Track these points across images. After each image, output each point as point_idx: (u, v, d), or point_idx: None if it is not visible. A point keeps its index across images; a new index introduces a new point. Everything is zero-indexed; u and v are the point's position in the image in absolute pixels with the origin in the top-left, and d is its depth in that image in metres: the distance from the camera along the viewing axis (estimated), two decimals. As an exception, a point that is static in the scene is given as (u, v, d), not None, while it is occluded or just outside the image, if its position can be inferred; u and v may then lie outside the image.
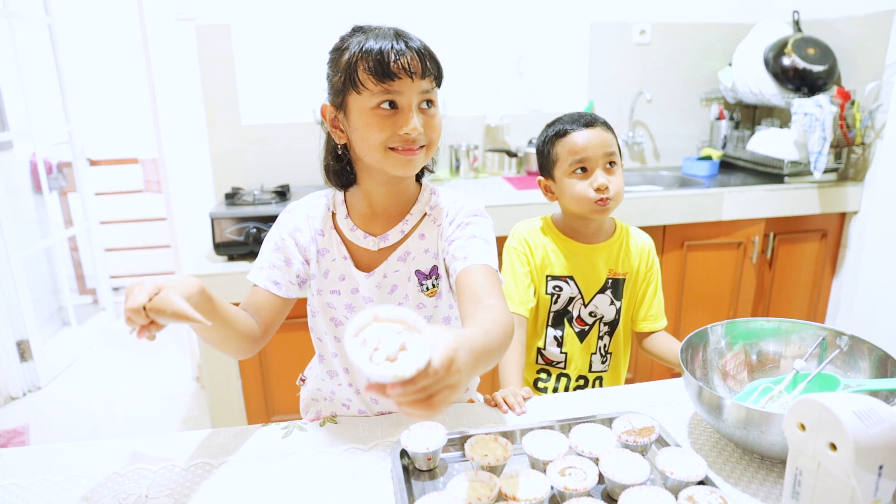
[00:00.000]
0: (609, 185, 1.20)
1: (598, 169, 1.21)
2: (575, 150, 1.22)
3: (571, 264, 1.29)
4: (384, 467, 0.90)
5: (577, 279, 1.29)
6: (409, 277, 1.03)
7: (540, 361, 1.34)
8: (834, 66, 2.36)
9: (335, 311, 1.06)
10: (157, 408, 2.63)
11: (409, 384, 0.58)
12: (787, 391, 0.97)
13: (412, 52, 0.90)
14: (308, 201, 1.07)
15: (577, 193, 1.22)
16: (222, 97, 2.38)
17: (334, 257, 1.03)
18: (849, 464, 0.64)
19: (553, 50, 2.60)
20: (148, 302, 0.75)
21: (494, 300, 0.88)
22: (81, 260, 3.56)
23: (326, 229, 1.04)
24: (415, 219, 1.03)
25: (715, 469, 0.88)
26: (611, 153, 1.22)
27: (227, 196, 2.21)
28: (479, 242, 0.98)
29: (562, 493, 0.79)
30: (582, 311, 1.30)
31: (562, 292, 1.29)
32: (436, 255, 1.03)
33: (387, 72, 0.88)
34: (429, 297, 1.04)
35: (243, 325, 0.96)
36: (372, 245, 1.01)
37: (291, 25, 2.34)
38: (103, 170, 3.50)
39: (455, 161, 2.56)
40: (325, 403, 1.16)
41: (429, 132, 0.94)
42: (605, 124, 1.25)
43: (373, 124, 0.90)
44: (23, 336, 2.73)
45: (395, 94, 0.90)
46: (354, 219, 1.03)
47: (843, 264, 2.46)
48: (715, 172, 2.56)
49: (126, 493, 0.85)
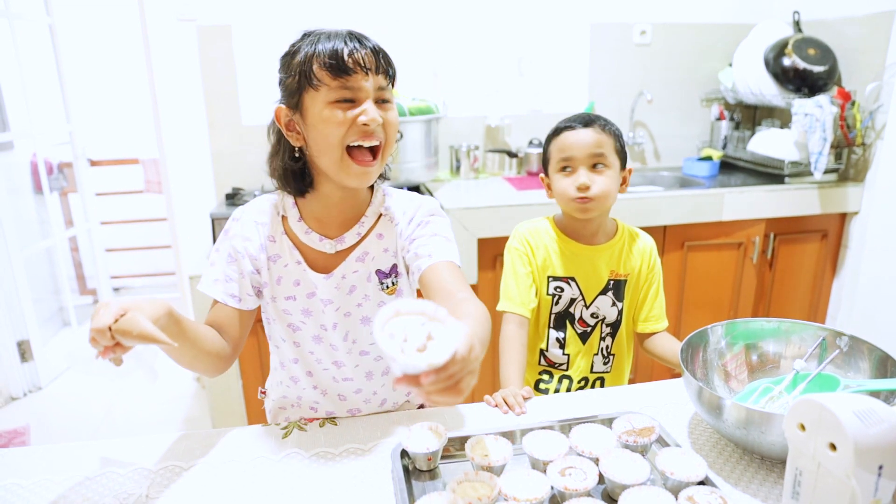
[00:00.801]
0: (592, 184, 1.20)
1: (581, 168, 1.22)
2: (562, 149, 1.23)
3: (573, 265, 1.28)
4: (384, 468, 0.90)
5: (578, 280, 1.28)
6: (369, 277, 1.03)
7: (542, 363, 1.34)
8: (834, 66, 2.36)
9: (291, 318, 1.05)
10: (157, 409, 2.63)
11: (441, 371, 0.61)
12: (788, 391, 0.97)
13: (367, 49, 0.90)
14: (255, 207, 1.04)
15: (560, 191, 1.24)
16: (223, 97, 2.38)
17: (286, 262, 1.02)
18: (849, 464, 0.64)
19: (554, 50, 2.60)
20: (114, 323, 0.74)
21: (465, 294, 0.90)
22: (82, 260, 3.56)
23: (277, 234, 1.02)
24: (370, 220, 1.03)
25: (715, 469, 0.88)
26: (598, 154, 1.21)
27: (227, 196, 2.21)
28: (440, 240, 0.99)
29: (562, 494, 0.79)
30: (584, 313, 1.30)
31: (563, 293, 1.29)
32: (395, 253, 1.04)
33: (343, 67, 0.88)
34: (388, 296, 1.05)
35: (212, 345, 0.96)
36: (329, 248, 1.01)
37: (292, 26, 2.34)
38: (104, 170, 3.51)
39: (455, 161, 2.56)
40: (293, 410, 1.15)
41: (385, 128, 0.94)
42: (605, 126, 1.24)
43: (330, 119, 0.90)
44: (23, 336, 2.73)
45: (353, 89, 0.90)
46: (308, 222, 1.02)
47: (843, 265, 2.46)
48: (715, 173, 2.56)
49: (127, 493, 0.85)
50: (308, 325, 1.05)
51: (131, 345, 0.77)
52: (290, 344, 1.08)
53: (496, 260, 2.13)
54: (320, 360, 1.08)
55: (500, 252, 2.13)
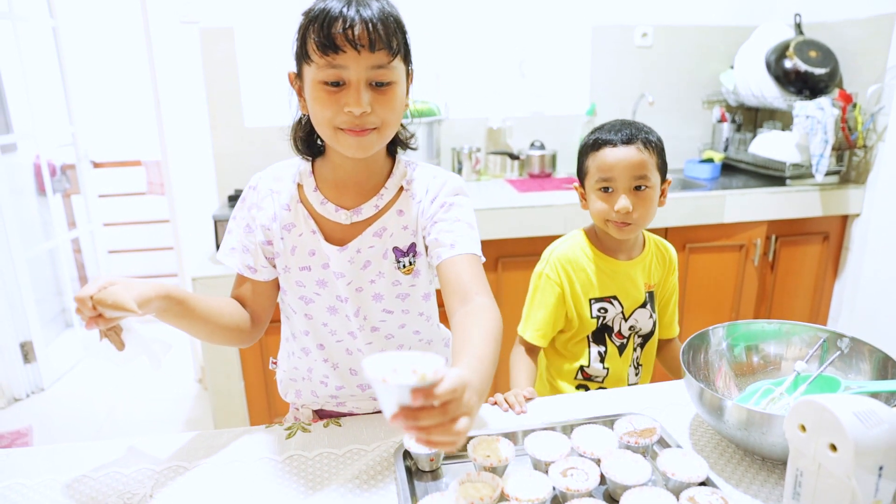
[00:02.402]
0: (632, 209, 1.15)
1: (622, 190, 1.16)
2: (603, 168, 1.17)
3: (614, 283, 1.25)
4: (387, 468, 0.90)
5: (620, 297, 1.25)
6: (385, 254, 0.98)
7: (579, 377, 1.29)
8: (835, 68, 2.36)
9: (304, 289, 1.01)
10: (159, 409, 2.63)
11: (432, 396, 0.58)
12: (788, 393, 0.97)
13: (362, 23, 0.81)
14: (272, 174, 1.01)
15: (598, 210, 1.20)
16: (225, 99, 2.39)
17: (301, 232, 0.98)
18: (849, 465, 0.64)
19: (555, 52, 2.61)
20: (96, 293, 0.77)
21: (483, 298, 0.87)
22: (85, 262, 3.57)
23: (293, 203, 0.98)
24: (390, 193, 0.98)
25: (716, 470, 0.89)
26: (641, 176, 1.15)
27: (230, 198, 2.22)
28: (463, 227, 0.95)
29: (563, 494, 0.80)
30: (622, 326, 1.27)
31: (607, 313, 1.25)
32: (415, 232, 0.99)
33: (329, 43, 0.81)
34: (405, 275, 1.00)
35: (229, 319, 0.97)
36: (344, 219, 0.96)
37: (294, 28, 2.35)
38: (107, 172, 3.51)
39: (457, 163, 2.57)
40: (303, 383, 1.11)
41: (381, 111, 0.87)
42: (648, 142, 1.16)
43: (319, 100, 0.86)
44: (26, 337, 2.74)
45: (340, 68, 0.83)
46: (324, 191, 0.97)
47: (844, 266, 2.47)
48: (717, 175, 2.56)
49: (131, 493, 0.86)
50: (323, 296, 1.01)
51: (112, 315, 0.78)
52: (302, 316, 1.04)
53: (498, 262, 2.14)
54: (335, 332, 1.04)
55: (502, 254, 2.14)
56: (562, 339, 1.29)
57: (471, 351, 0.76)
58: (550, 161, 2.60)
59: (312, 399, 1.12)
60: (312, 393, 1.11)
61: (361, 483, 0.87)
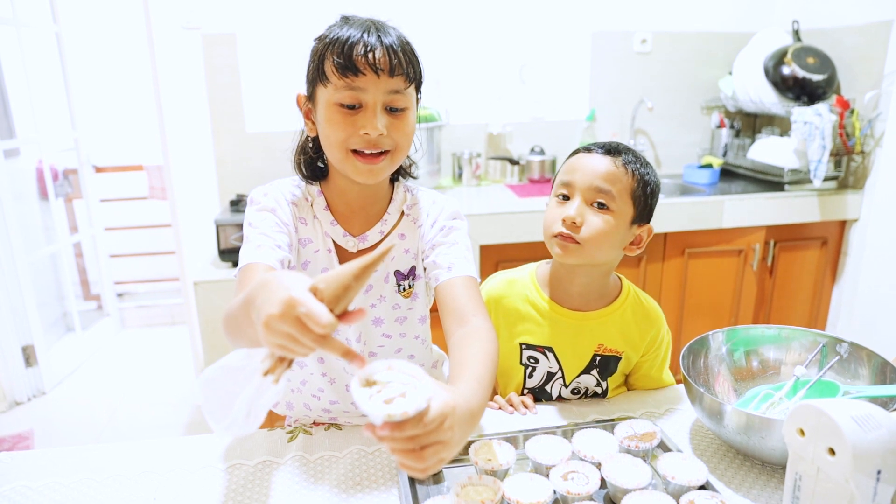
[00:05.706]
0: (580, 221, 0.97)
1: (578, 199, 0.99)
2: (567, 170, 1.02)
3: (552, 333, 1.07)
4: (389, 471, 0.91)
5: (557, 352, 1.07)
6: (387, 278, 1.00)
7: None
8: (833, 75, 2.37)
9: None
10: (161, 413, 2.64)
11: (397, 429, 0.59)
12: (788, 397, 0.98)
13: (382, 48, 0.84)
14: (280, 188, 0.98)
15: (546, 220, 1.03)
16: (227, 105, 2.40)
17: (317, 248, 0.98)
18: (847, 469, 0.65)
19: (555, 58, 2.62)
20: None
21: (479, 320, 0.89)
22: (86, 266, 3.57)
23: (309, 218, 0.98)
24: (393, 219, 1.00)
25: (716, 474, 0.89)
26: (603, 189, 0.97)
27: (231, 203, 2.23)
28: (461, 250, 0.98)
29: (564, 498, 0.80)
30: (563, 392, 1.10)
31: (538, 365, 1.09)
32: (415, 255, 1.01)
33: (350, 66, 0.83)
34: (404, 298, 1.02)
35: None
36: (351, 246, 0.98)
37: (296, 34, 2.37)
38: (109, 176, 3.52)
39: (458, 169, 2.58)
40: (294, 395, 1.10)
41: (395, 135, 0.88)
42: (629, 163, 0.99)
43: (334, 121, 0.86)
44: (28, 341, 2.74)
45: (359, 90, 0.85)
46: (334, 213, 0.98)
47: (843, 272, 2.47)
48: (716, 180, 2.58)
49: (135, 496, 0.86)
50: None
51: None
52: None
53: (498, 267, 2.15)
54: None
55: (502, 259, 2.15)
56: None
57: (468, 372, 0.78)
58: (550, 166, 2.61)
59: (304, 412, 1.11)
60: (305, 405, 1.10)
61: (363, 486, 0.88)
